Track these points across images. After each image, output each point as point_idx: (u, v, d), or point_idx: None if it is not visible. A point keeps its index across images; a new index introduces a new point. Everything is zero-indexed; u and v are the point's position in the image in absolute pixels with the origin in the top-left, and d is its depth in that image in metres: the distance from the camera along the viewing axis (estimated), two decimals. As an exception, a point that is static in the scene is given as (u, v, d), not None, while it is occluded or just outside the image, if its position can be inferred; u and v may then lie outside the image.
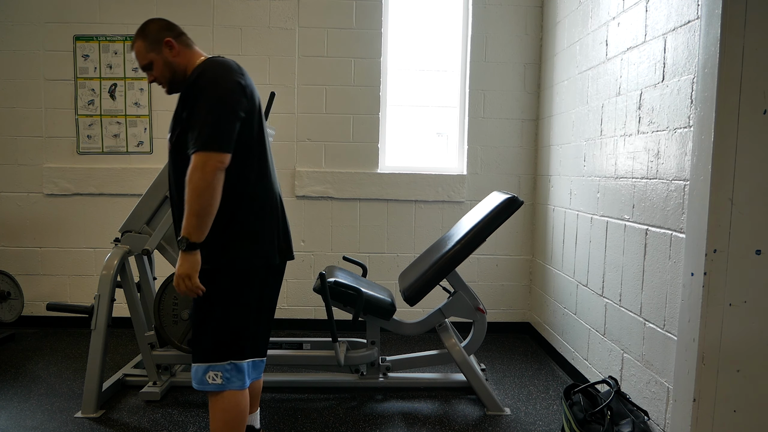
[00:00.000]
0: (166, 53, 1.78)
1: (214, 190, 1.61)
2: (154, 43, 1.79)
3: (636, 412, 2.15)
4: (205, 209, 1.62)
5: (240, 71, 1.72)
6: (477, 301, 2.77)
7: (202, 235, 1.64)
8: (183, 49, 1.80)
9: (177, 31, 1.83)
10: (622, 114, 2.52)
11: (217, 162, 1.61)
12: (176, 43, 1.79)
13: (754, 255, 1.77)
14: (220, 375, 1.72)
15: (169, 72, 1.80)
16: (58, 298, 3.86)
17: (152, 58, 1.79)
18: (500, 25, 3.77)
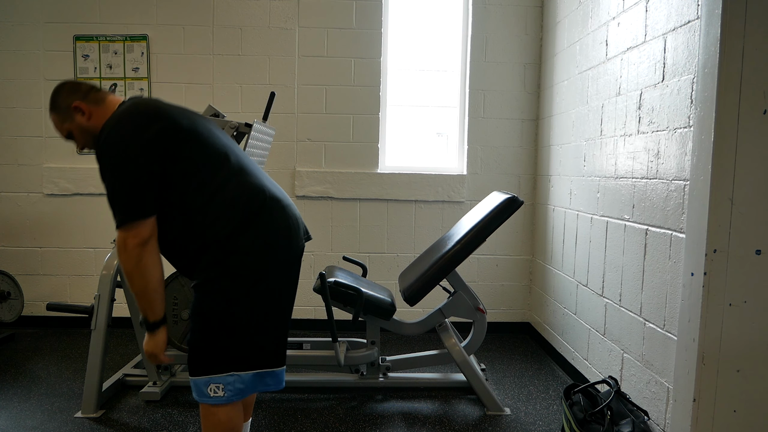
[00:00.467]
0: (78, 119, 1.69)
1: (144, 267, 1.57)
2: (65, 113, 1.70)
3: (636, 412, 2.15)
4: (145, 288, 1.58)
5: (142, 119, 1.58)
6: (477, 301, 2.77)
7: (158, 311, 1.62)
8: (95, 109, 1.69)
9: (83, 90, 1.71)
10: (622, 114, 2.52)
11: (134, 237, 1.54)
12: (85, 105, 1.68)
13: (754, 255, 1.77)
14: (222, 387, 1.64)
15: (90, 136, 1.72)
16: (58, 298, 3.86)
17: (68, 128, 1.71)
18: (500, 25, 3.77)
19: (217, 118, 2.60)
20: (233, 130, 2.58)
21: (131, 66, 3.76)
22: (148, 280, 1.59)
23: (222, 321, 1.64)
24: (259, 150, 2.73)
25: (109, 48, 3.75)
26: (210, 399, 1.64)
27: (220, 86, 3.77)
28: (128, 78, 3.76)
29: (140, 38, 3.74)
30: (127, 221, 1.54)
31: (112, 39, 3.75)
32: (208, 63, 3.76)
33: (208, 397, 1.64)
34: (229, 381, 1.64)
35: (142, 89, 3.77)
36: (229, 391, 1.64)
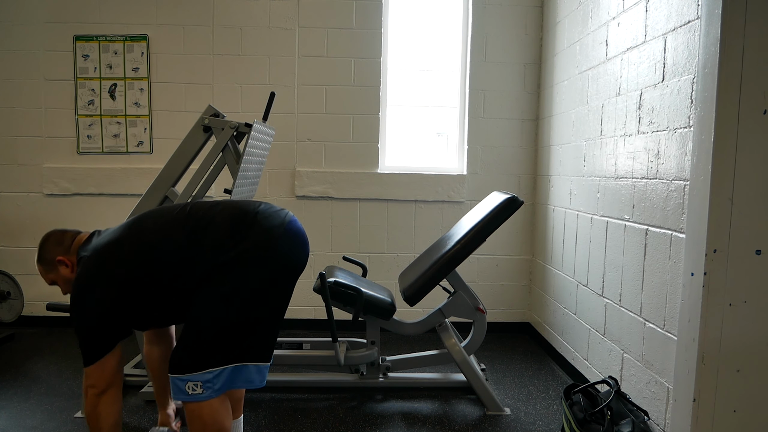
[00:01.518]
0: (62, 271, 1.86)
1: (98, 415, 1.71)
2: (50, 265, 1.87)
3: (636, 412, 2.15)
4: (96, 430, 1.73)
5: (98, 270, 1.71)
6: (477, 301, 2.77)
7: None
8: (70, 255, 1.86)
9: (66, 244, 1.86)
10: (622, 114, 2.52)
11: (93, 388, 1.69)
12: (67, 258, 1.85)
13: (754, 255, 1.77)
14: (200, 385, 1.64)
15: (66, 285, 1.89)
16: (58, 298, 3.85)
17: (53, 278, 1.88)
18: (500, 25, 3.77)
19: (216, 118, 2.60)
20: (233, 130, 2.58)
21: (131, 66, 3.76)
22: (100, 428, 1.72)
23: (199, 319, 1.67)
24: (259, 150, 2.73)
25: (109, 48, 3.75)
26: (188, 397, 1.66)
27: (220, 86, 3.77)
28: (128, 78, 3.76)
29: (140, 38, 3.74)
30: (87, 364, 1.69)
31: (112, 39, 3.75)
32: (208, 63, 3.76)
33: (187, 395, 1.65)
34: (207, 378, 1.64)
35: (142, 89, 3.77)
36: (208, 388, 1.65)
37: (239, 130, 2.59)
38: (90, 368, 1.69)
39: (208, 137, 2.63)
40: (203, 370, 1.64)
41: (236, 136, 2.64)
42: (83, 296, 1.70)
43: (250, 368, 1.71)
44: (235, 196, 2.53)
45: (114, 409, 1.73)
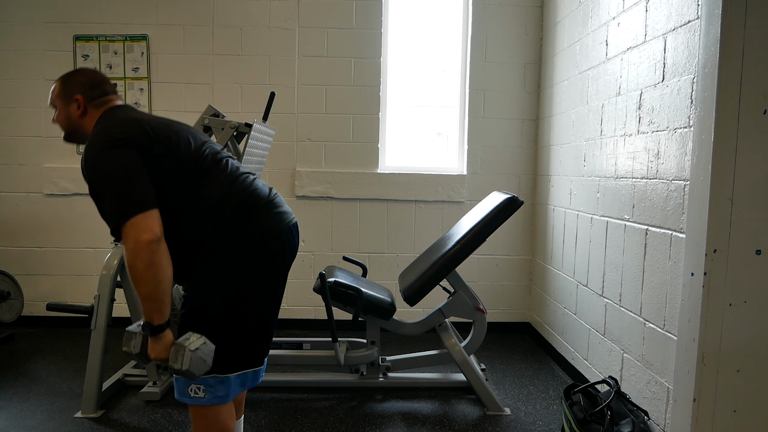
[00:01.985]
0: (72, 108, 1.75)
1: (158, 266, 1.47)
2: (66, 94, 1.76)
3: (636, 412, 2.15)
4: (156, 288, 1.48)
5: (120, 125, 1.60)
6: (477, 301, 2.77)
7: (166, 313, 1.52)
8: (92, 112, 1.74)
9: (96, 92, 1.74)
10: (622, 114, 2.52)
11: (147, 233, 1.46)
12: (87, 104, 1.74)
13: (754, 255, 1.77)
14: (203, 388, 1.60)
15: (67, 125, 1.80)
16: (58, 298, 3.86)
17: (57, 104, 1.78)
18: (500, 25, 3.77)
19: (217, 118, 2.60)
20: (233, 130, 2.58)
21: (131, 66, 3.76)
22: (160, 280, 1.48)
23: (209, 323, 1.60)
24: (259, 150, 2.73)
25: (109, 48, 3.75)
26: (190, 400, 1.62)
27: (220, 86, 3.77)
28: (128, 78, 3.76)
29: (140, 38, 3.74)
30: (132, 214, 1.48)
31: (112, 39, 3.75)
32: (208, 63, 3.76)
33: (189, 398, 1.61)
34: (211, 383, 1.61)
35: (142, 89, 3.77)
36: (210, 393, 1.61)
37: (239, 130, 2.59)
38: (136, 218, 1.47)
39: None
40: (210, 374, 1.60)
41: (236, 136, 2.64)
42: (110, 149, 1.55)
43: (248, 374, 1.71)
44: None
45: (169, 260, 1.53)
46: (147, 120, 1.66)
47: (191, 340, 1.49)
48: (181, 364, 1.46)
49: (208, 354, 1.51)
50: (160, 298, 1.51)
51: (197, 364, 1.47)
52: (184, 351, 1.46)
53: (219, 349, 1.61)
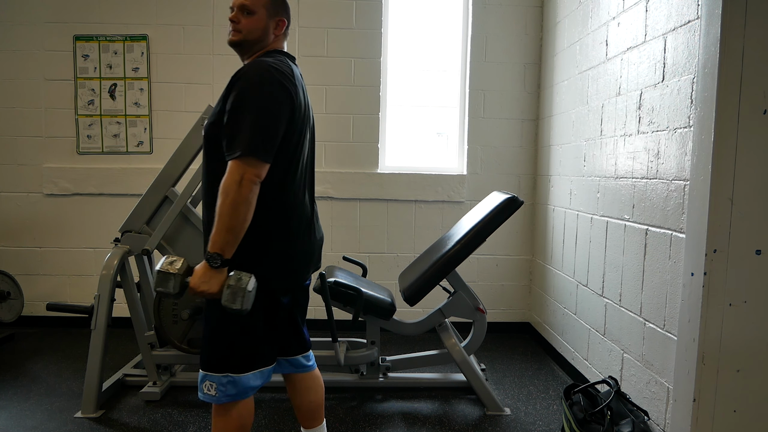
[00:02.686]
0: (272, 24, 1.71)
1: (250, 205, 1.51)
2: (275, 9, 1.72)
3: (636, 412, 2.15)
4: (241, 225, 1.51)
5: (289, 78, 1.61)
6: (477, 301, 2.77)
7: (233, 251, 1.54)
8: (281, 37, 1.75)
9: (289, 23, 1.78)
10: (622, 114, 2.52)
11: (254, 175, 1.50)
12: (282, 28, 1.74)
13: (754, 255, 1.77)
14: (215, 386, 1.62)
15: (256, 36, 1.70)
16: (58, 298, 3.86)
17: (259, 12, 1.69)
18: (500, 25, 3.77)
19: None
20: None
21: (131, 66, 3.76)
22: (246, 218, 1.52)
23: (232, 320, 1.62)
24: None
25: (109, 48, 3.75)
26: (203, 396, 1.64)
27: (220, 86, 3.77)
28: (128, 78, 3.76)
29: (140, 38, 3.74)
30: (254, 155, 1.49)
31: (112, 39, 3.74)
32: (208, 63, 3.76)
33: (202, 393, 1.64)
34: (223, 382, 1.63)
35: (142, 89, 3.77)
36: (220, 391, 1.62)
37: (239, 130, 2.59)
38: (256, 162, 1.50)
39: (208, 137, 2.63)
40: (222, 372, 1.63)
41: (236, 136, 2.63)
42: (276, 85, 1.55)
43: (265, 372, 1.74)
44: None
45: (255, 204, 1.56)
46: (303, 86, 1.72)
47: (244, 280, 1.51)
48: (240, 303, 1.49)
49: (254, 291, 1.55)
50: (241, 233, 1.53)
51: (250, 302, 1.52)
52: (244, 292, 1.49)
53: (232, 348, 1.64)
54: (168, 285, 1.54)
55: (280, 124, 1.56)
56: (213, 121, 1.61)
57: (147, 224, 2.66)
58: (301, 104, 1.65)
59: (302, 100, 1.67)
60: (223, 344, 1.65)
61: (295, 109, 1.61)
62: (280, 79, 1.57)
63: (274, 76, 1.56)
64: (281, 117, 1.56)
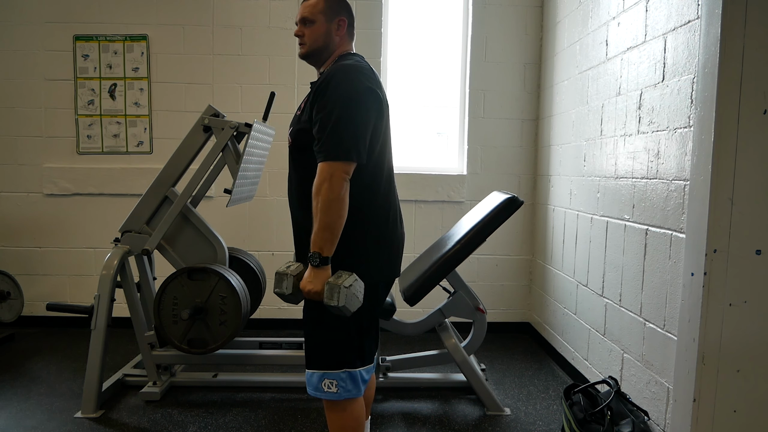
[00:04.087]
0: (333, 26, 1.74)
1: (342, 202, 1.55)
2: (331, 11, 1.74)
3: (636, 412, 2.15)
4: (336, 222, 1.55)
5: (373, 77, 1.66)
6: (477, 301, 2.77)
7: (333, 249, 1.58)
8: (345, 37, 1.78)
9: (353, 19, 1.80)
10: (622, 114, 2.52)
11: (343, 172, 1.54)
12: (346, 27, 1.77)
13: (754, 255, 1.77)
14: (336, 383, 1.66)
15: (321, 43, 1.75)
16: (58, 298, 3.86)
17: (318, 19, 1.73)
18: (500, 25, 3.77)
19: (217, 118, 2.60)
20: (233, 130, 2.58)
21: (131, 66, 3.76)
22: (341, 215, 1.56)
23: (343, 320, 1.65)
24: (259, 150, 2.73)
25: (108, 48, 3.75)
26: (324, 394, 1.67)
27: (220, 86, 3.77)
28: (128, 78, 3.76)
29: (140, 38, 3.74)
30: (342, 156, 1.54)
31: (112, 39, 3.74)
32: (208, 63, 3.76)
33: (322, 392, 1.67)
34: (342, 377, 1.66)
35: (142, 89, 3.77)
36: (341, 387, 1.66)
37: (239, 130, 2.59)
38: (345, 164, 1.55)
39: (208, 137, 2.64)
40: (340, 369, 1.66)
41: (236, 136, 2.64)
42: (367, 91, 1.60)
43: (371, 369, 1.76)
44: (234, 196, 2.53)
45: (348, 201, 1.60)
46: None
47: (344, 278, 1.53)
48: (338, 300, 1.51)
49: (360, 291, 1.57)
50: (337, 230, 1.57)
51: (351, 300, 1.53)
52: (339, 288, 1.51)
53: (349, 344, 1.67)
54: (282, 285, 1.62)
55: (368, 124, 1.60)
56: (301, 128, 1.66)
57: (147, 224, 2.66)
58: (384, 108, 1.70)
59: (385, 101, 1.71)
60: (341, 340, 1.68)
61: (383, 108, 1.67)
62: (365, 81, 1.62)
63: (360, 79, 1.61)
64: (370, 117, 1.61)
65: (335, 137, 1.55)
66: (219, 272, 2.50)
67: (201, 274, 2.51)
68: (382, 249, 1.72)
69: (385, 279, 1.76)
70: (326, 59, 1.77)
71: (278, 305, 3.87)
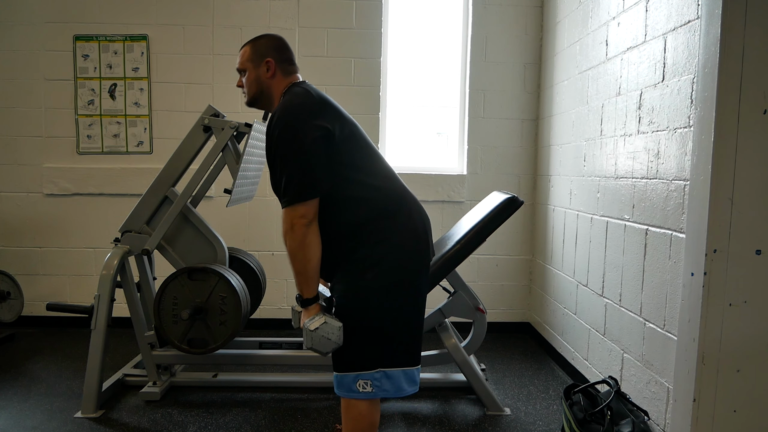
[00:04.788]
0: (262, 70, 1.82)
1: (306, 246, 1.63)
2: (257, 56, 1.83)
3: (636, 412, 2.15)
4: (305, 266, 1.65)
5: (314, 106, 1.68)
6: (477, 301, 2.77)
7: (312, 290, 1.68)
8: (279, 75, 1.82)
9: (285, 55, 1.84)
10: (622, 114, 2.52)
11: (301, 218, 1.61)
12: (276, 66, 1.81)
13: (754, 255, 1.77)
14: (370, 383, 1.68)
15: (255, 89, 1.84)
16: (58, 298, 3.86)
17: (248, 67, 1.85)
18: (500, 25, 3.77)
19: (217, 118, 2.60)
20: (233, 130, 2.58)
21: (131, 66, 3.76)
22: (309, 258, 1.64)
23: (369, 317, 1.68)
24: (259, 150, 2.74)
25: (109, 48, 3.75)
26: (359, 394, 1.69)
27: (220, 86, 3.77)
28: (128, 78, 3.76)
29: (140, 38, 3.74)
30: (298, 201, 1.61)
31: (112, 39, 3.75)
32: (208, 63, 3.76)
33: (357, 393, 1.69)
34: (377, 377, 1.69)
35: (142, 89, 3.77)
36: (376, 386, 1.69)
37: (239, 130, 2.59)
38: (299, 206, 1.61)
39: (208, 137, 2.64)
40: (374, 369, 1.68)
41: (236, 136, 2.64)
42: (300, 125, 1.62)
43: (413, 371, 1.77)
44: (234, 196, 2.53)
45: (319, 240, 1.67)
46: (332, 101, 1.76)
47: (314, 320, 1.64)
48: (306, 342, 1.65)
49: (330, 332, 1.64)
50: (310, 272, 1.67)
51: (319, 342, 1.63)
52: (306, 332, 1.64)
53: (381, 342, 1.69)
54: (295, 319, 1.84)
55: (316, 156, 1.62)
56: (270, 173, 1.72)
57: (147, 224, 2.66)
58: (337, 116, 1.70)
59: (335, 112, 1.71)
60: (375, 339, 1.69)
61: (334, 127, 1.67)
62: (303, 115, 1.64)
63: (297, 116, 1.64)
64: (316, 149, 1.62)
65: (287, 183, 1.61)
66: (219, 272, 2.50)
67: (201, 274, 2.51)
68: (391, 252, 1.70)
69: (403, 277, 1.72)
70: (270, 101, 1.83)
71: (278, 305, 3.87)
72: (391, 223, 1.73)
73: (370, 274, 1.66)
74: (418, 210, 1.87)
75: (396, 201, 1.79)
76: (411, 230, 1.77)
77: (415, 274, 1.75)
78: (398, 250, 1.71)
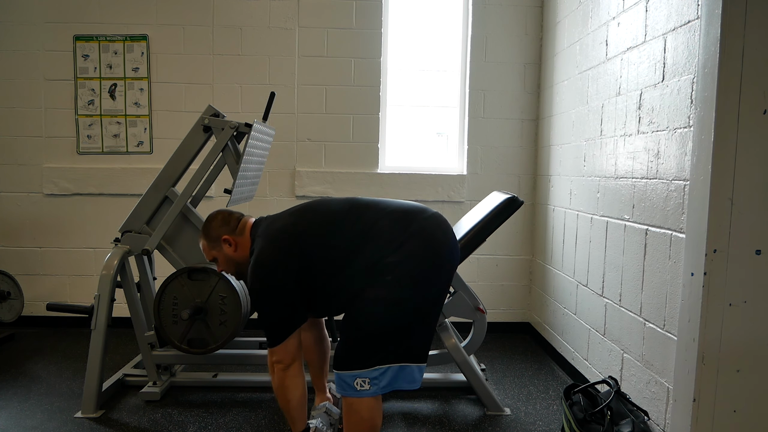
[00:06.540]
0: (226, 249, 1.96)
1: (286, 389, 1.85)
2: (214, 242, 1.97)
3: (636, 412, 2.15)
4: (286, 406, 1.89)
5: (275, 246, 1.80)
6: (477, 301, 2.77)
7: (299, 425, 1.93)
8: (240, 240, 1.94)
9: (232, 225, 1.96)
10: (622, 114, 2.52)
11: (277, 363, 1.81)
12: (233, 238, 1.93)
13: (754, 255, 1.77)
14: (368, 381, 1.73)
15: (233, 266, 2.00)
16: (58, 298, 3.86)
17: (215, 255, 1.99)
18: (500, 25, 3.77)
19: (217, 118, 2.60)
20: (233, 130, 2.58)
21: (131, 66, 3.76)
22: (288, 399, 1.87)
23: (368, 318, 1.73)
24: (259, 150, 2.73)
25: (109, 48, 3.75)
26: (357, 393, 1.73)
27: (220, 86, 3.77)
28: (128, 78, 3.76)
29: (140, 38, 3.74)
30: (275, 344, 1.80)
31: (112, 39, 3.75)
32: (208, 63, 3.76)
33: (356, 391, 1.73)
34: (375, 375, 1.73)
35: (142, 89, 3.77)
36: (374, 384, 1.73)
37: (239, 130, 2.59)
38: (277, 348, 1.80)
39: (208, 137, 2.64)
40: (371, 367, 1.72)
41: (236, 136, 2.64)
42: (266, 278, 1.78)
43: (413, 368, 1.79)
44: (234, 196, 2.53)
45: (299, 381, 1.87)
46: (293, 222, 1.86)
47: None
48: None
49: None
50: (292, 413, 1.91)
51: None
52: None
53: (381, 340, 1.73)
54: None
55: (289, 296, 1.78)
56: None
57: (147, 224, 2.66)
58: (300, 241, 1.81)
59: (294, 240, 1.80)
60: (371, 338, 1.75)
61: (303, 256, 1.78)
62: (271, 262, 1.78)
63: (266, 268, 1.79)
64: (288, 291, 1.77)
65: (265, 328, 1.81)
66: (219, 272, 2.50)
67: (201, 274, 2.51)
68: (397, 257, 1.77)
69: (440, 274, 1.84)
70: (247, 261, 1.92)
71: (278, 305, 3.87)
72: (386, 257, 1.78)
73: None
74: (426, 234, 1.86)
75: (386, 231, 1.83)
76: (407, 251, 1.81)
77: (416, 275, 1.77)
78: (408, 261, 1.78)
